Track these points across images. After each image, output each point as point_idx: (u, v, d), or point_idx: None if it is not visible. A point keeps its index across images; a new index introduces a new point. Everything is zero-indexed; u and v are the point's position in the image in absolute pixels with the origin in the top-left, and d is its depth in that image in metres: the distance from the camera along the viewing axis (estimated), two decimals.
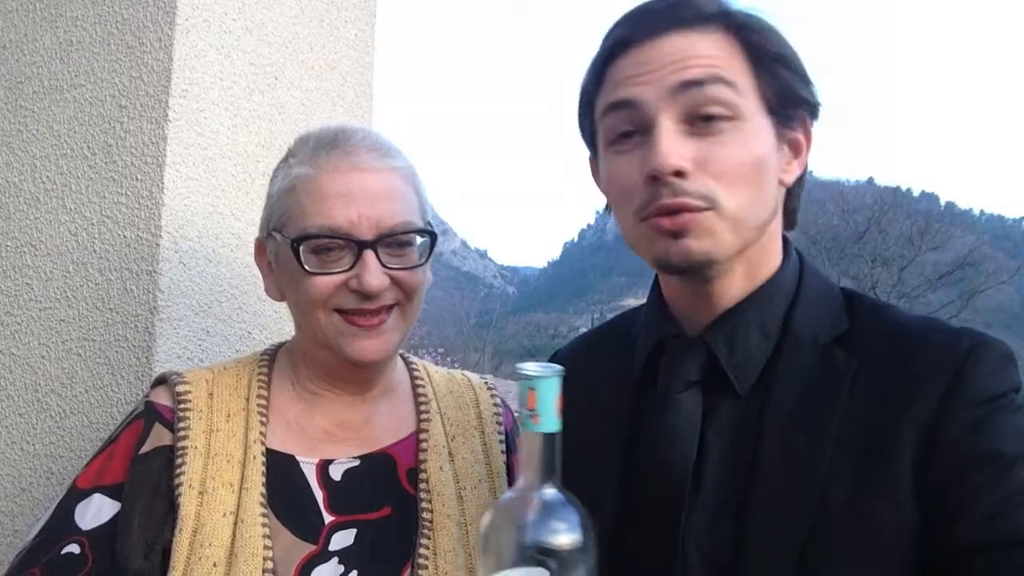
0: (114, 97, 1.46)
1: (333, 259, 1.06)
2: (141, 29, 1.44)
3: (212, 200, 1.48)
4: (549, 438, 0.73)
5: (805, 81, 0.95)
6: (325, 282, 1.06)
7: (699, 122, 0.89)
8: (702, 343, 0.96)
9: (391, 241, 1.07)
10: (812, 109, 0.97)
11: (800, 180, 1.00)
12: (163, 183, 1.39)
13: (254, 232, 1.54)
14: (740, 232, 0.91)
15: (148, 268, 1.39)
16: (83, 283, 1.45)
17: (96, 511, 1.03)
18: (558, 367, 0.74)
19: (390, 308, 1.10)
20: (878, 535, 0.83)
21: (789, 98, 0.93)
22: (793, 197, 1.01)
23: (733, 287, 0.96)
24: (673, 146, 0.87)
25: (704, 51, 0.89)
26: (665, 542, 0.91)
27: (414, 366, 1.28)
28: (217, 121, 1.48)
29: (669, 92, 0.89)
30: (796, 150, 0.97)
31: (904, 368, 0.88)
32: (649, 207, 0.90)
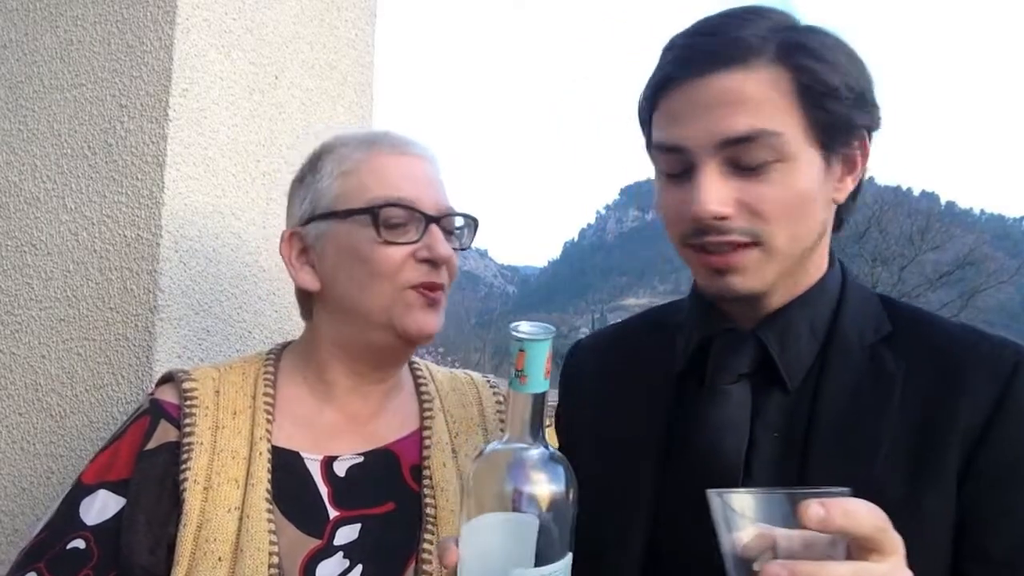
0: (114, 96, 1.46)
1: (400, 232, 1.10)
2: (141, 28, 1.44)
3: (212, 199, 1.48)
4: (537, 398, 0.74)
5: (862, 104, 0.91)
6: (398, 252, 1.09)
7: (744, 162, 0.89)
8: (754, 337, 0.97)
9: (447, 221, 1.14)
10: (870, 128, 0.94)
11: (855, 190, 0.98)
12: (163, 182, 1.39)
13: (255, 231, 1.55)
14: (785, 264, 0.92)
15: (148, 267, 1.39)
16: (83, 282, 1.45)
17: (101, 507, 1.04)
18: (551, 328, 0.75)
19: (445, 285, 1.15)
20: (931, 533, 0.85)
21: (840, 127, 0.91)
22: (845, 206, 0.99)
23: (778, 296, 0.97)
24: (714, 193, 0.88)
25: (750, 94, 0.87)
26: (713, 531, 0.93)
27: (416, 365, 1.29)
28: (217, 120, 1.48)
29: (714, 144, 0.88)
30: (850, 167, 0.95)
31: (951, 375, 0.90)
32: (693, 240, 0.92)
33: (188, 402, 1.09)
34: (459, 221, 1.18)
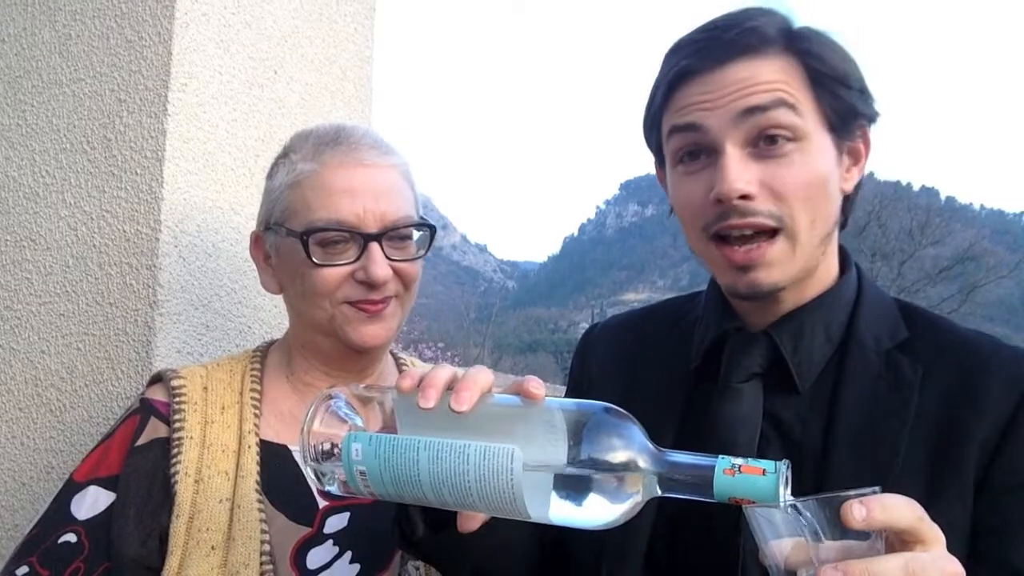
0: (113, 91, 1.45)
1: (339, 251, 1.10)
2: (140, 23, 1.44)
3: (211, 194, 1.48)
4: None
5: (864, 94, 0.96)
6: (332, 273, 1.09)
7: (763, 144, 0.91)
8: (767, 337, 0.98)
9: (394, 235, 1.12)
10: (871, 118, 0.98)
11: (857, 184, 1.01)
12: (162, 177, 1.39)
13: (254, 227, 1.54)
14: (805, 253, 0.94)
15: (148, 262, 1.39)
16: (83, 277, 1.45)
17: (92, 502, 1.06)
18: None
19: (390, 297, 1.14)
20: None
21: (848, 114, 0.95)
22: (850, 201, 1.02)
23: (794, 296, 0.98)
24: (739, 171, 0.90)
25: (767, 76, 0.91)
26: (727, 526, 0.92)
27: (402, 361, 1.32)
28: (216, 115, 1.48)
29: (734, 118, 0.90)
30: (855, 158, 0.99)
31: (969, 383, 0.91)
32: (716, 226, 0.93)
33: (177, 399, 1.11)
34: (413, 230, 1.15)
